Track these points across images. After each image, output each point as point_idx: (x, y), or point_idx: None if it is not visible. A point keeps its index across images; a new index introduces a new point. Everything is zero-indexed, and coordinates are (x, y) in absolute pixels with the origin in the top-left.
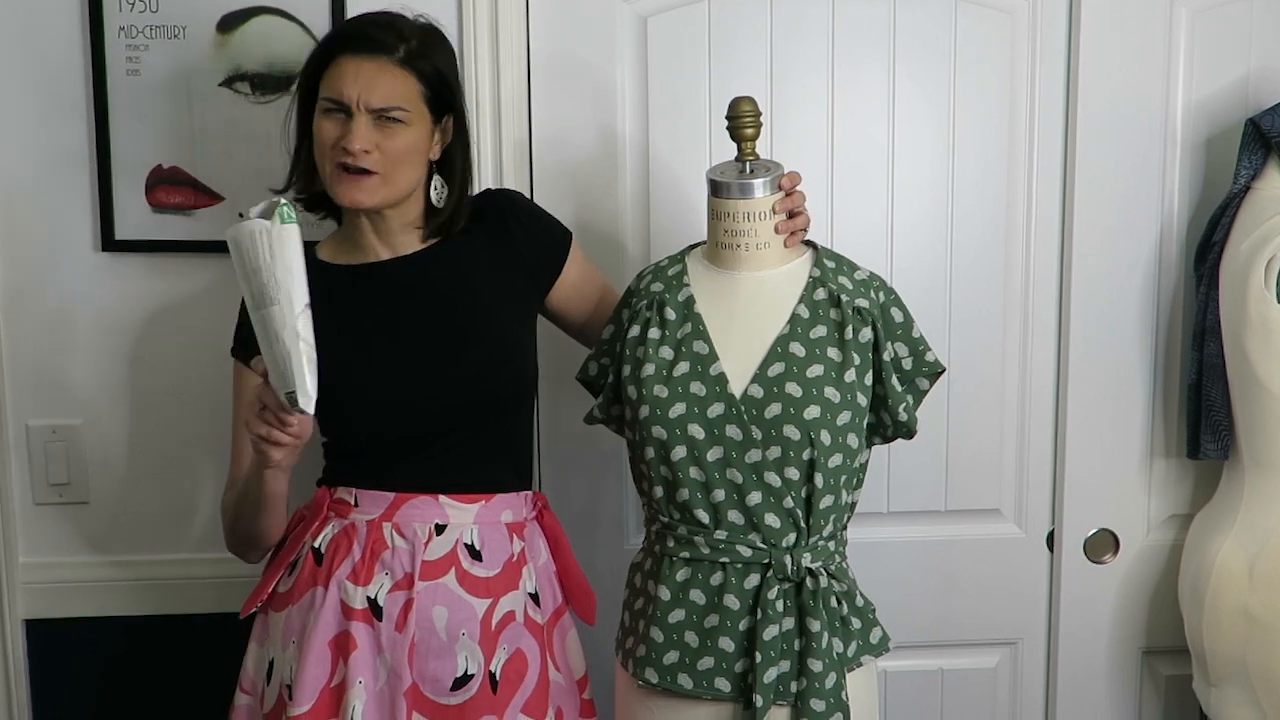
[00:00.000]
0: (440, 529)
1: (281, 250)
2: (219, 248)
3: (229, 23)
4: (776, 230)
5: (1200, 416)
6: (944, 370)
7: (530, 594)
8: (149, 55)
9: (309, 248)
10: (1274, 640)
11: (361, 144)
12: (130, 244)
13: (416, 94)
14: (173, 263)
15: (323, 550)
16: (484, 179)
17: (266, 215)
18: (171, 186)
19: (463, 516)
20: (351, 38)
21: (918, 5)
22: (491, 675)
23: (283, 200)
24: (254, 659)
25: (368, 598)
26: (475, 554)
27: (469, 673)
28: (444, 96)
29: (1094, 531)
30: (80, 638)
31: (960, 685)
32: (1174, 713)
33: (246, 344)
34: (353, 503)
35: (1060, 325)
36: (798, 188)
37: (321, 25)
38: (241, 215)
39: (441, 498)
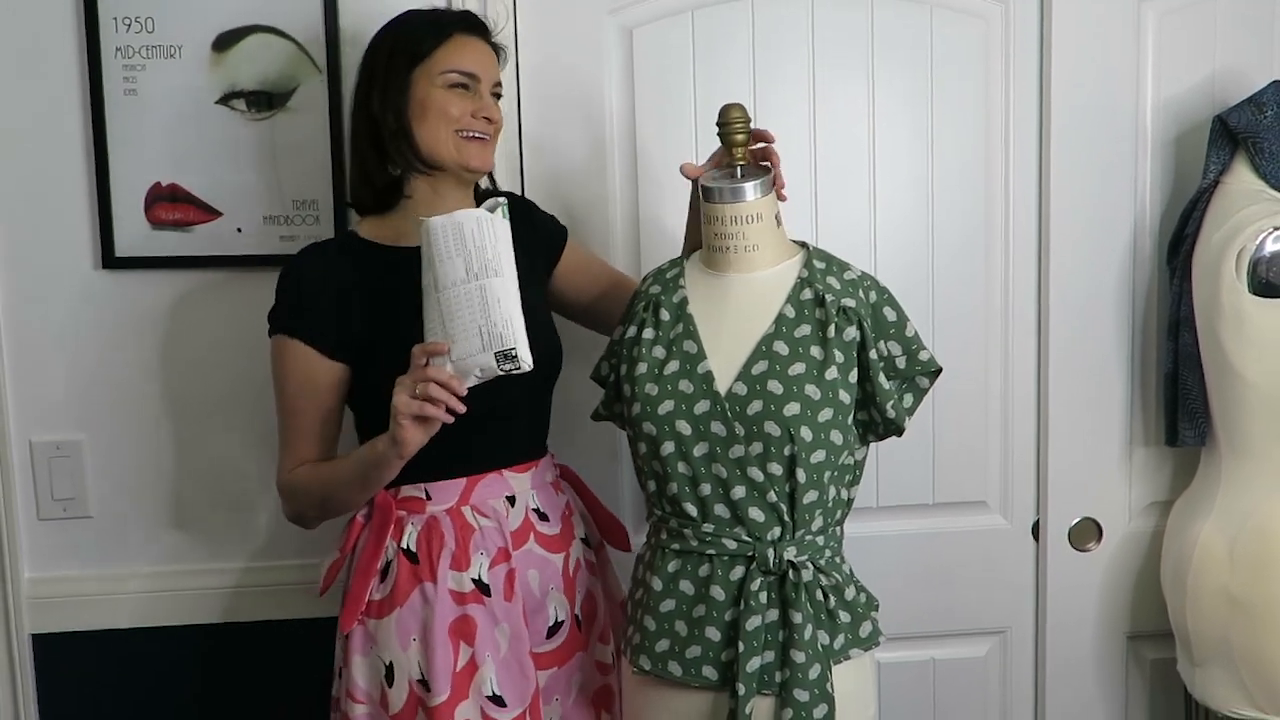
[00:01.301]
0: (511, 501)
1: (505, 234)
2: (218, 263)
3: (224, 41)
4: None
5: (1177, 405)
6: (940, 369)
7: (582, 539)
8: (145, 75)
9: (350, 234)
10: (1255, 620)
11: (497, 114)
12: (130, 260)
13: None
14: (172, 278)
15: (413, 549)
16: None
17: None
18: (170, 204)
19: (523, 485)
20: (462, 19)
21: (894, 12)
22: (576, 618)
23: (503, 200)
24: (362, 669)
25: (473, 580)
26: (543, 516)
27: (559, 620)
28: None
29: (1077, 520)
30: (87, 651)
31: (951, 674)
32: (1159, 695)
33: (308, 321)
34: (424, 497)
35: (1040, 320)
36: (779, 170)
37: (315, 42)
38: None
39: (505, 472)
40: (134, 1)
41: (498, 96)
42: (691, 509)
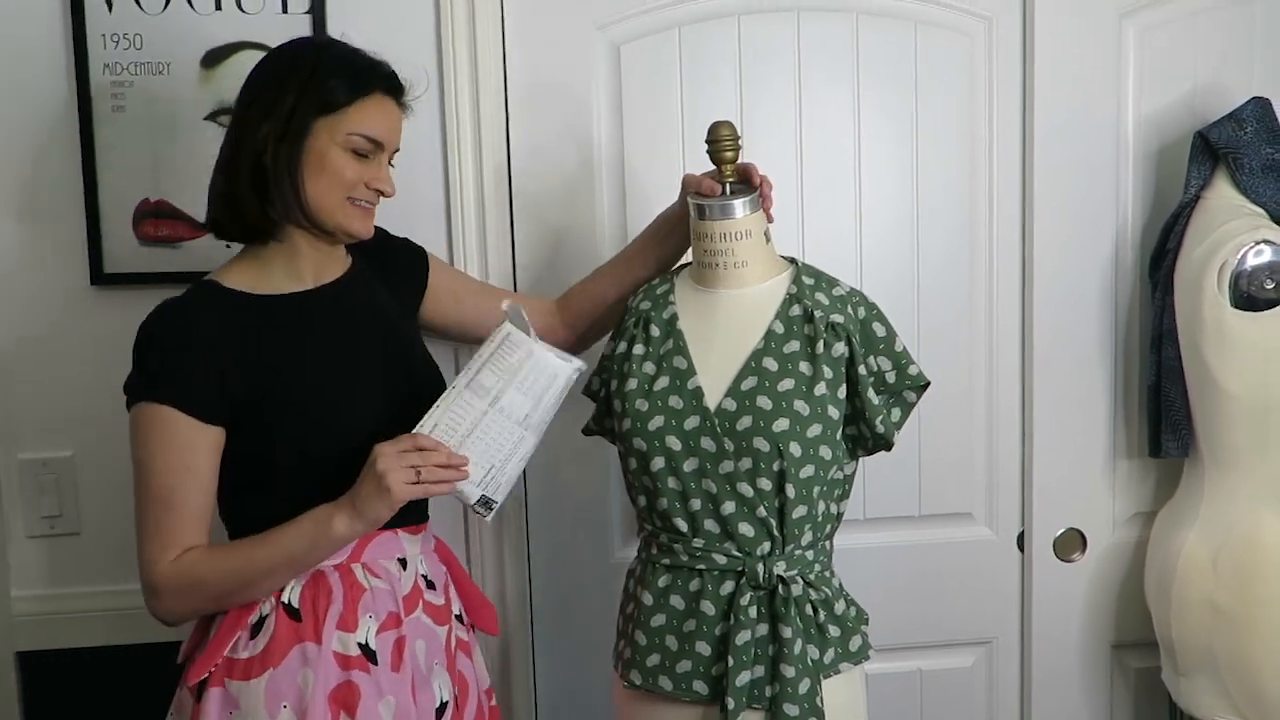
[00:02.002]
0: (403, 563)
1: (564, 392)
2: None
3: (213, 58)
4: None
5: (1160, 417)
6: (929, 384)
7: (457, 615)
8: (134, 91)
9: (209, 284)
10: (1239, 628)
11: (391, 188)
12: (119, 277)
13: None
14: (162, 295)
15: (295, 605)
16: (465, 201)
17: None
18: (159, 220)
19: (414, 548)
20: (387, 77)
21: (879, 28)
22: (458, 700)
23: (581, 365)
24: None
25: (359, 644)
26: (429, 584)
27: (444, 700)
28: None
29: (1062, 531)
30: (74, 669)
31: (938, 685)
32: (1144, 704)
33: (176, 383)
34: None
35: (1024, 333)
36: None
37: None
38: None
39: (400, 532)
40: (123, 19)
41: (391, 165)
42: (681, 524)
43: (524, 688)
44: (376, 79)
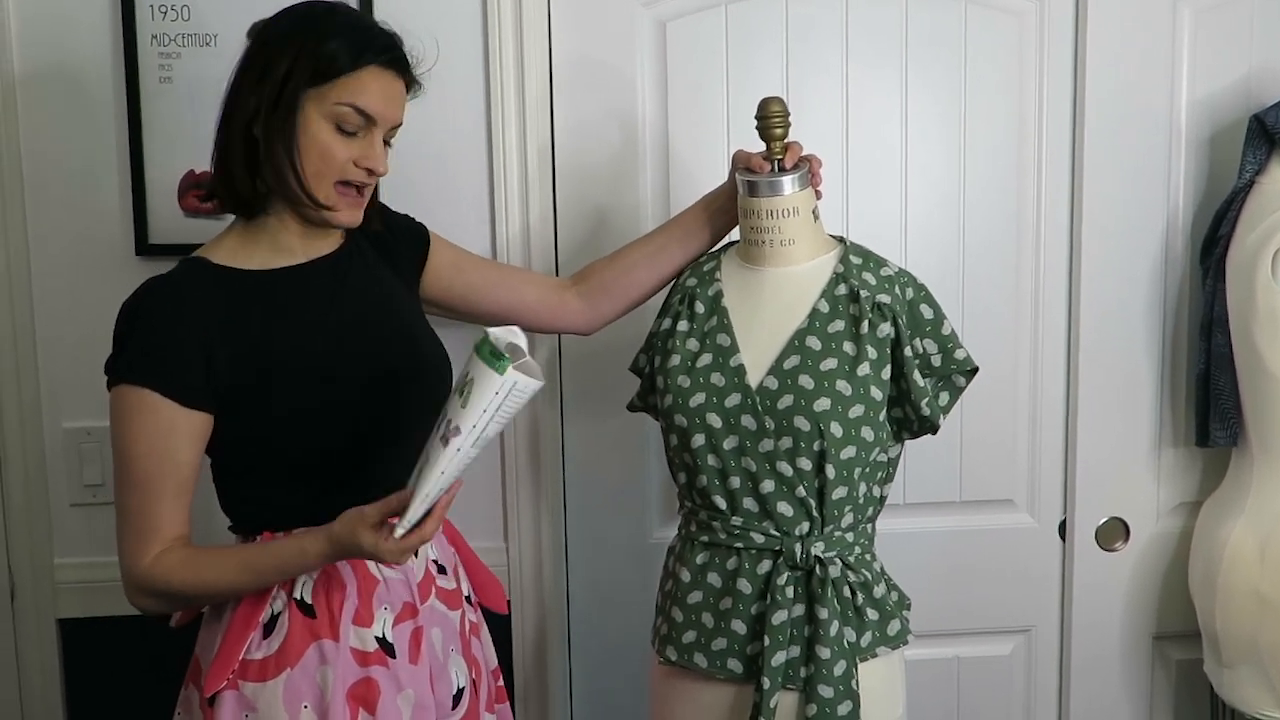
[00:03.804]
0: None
1: (513, 408)
2: None
3: None
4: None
5: (1209, 405)
6: (977, 368)
7: (466, 597)
8: (180, 63)
9: (198, 261)
10: None
11: (384, 167)
12: (163, 248)
13: None
14: None
15: (308, 600)
16: (509, 178)
17: (523, 368)
18: (203, 191)
19: None
20: (388, 49)
21: (929, 7)
22: (474, 683)
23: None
24: None
25: (376, 638)
26: (440, 569)
27: (461, 687)
28: None
29: (1105, 520)
30: (114, 637)
31: (976, 672)
32: (1185, 696)
33: (159, 365)
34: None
35: (1070, 318)
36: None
37: None
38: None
39: None
40: None
41: (392, 140)
42: (720, 502)
43: (559, 667)
44: (373, 50)
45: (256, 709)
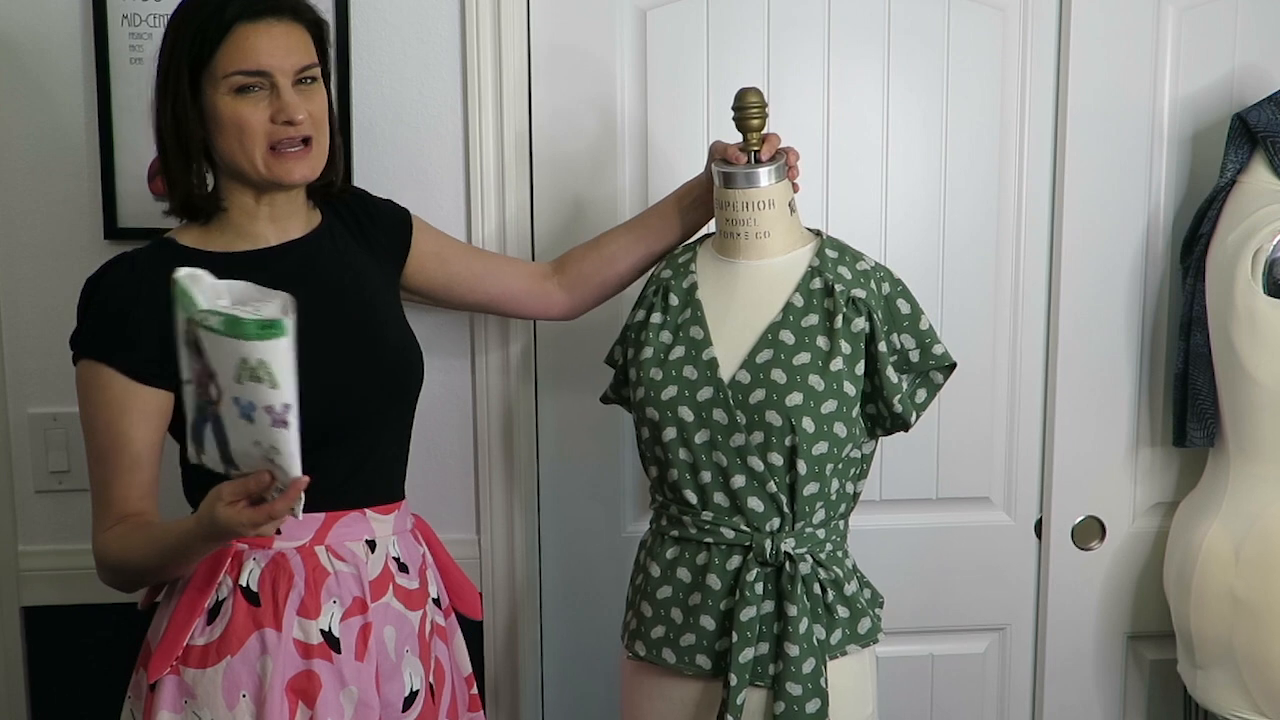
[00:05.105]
0: (371, 545)
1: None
2: None
3: None
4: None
5: (1187, 405)
6: (954, 364)
7: (434, 599)
8: (152, 44)
9: (165, 241)
10: (1260, 622)
11: (302, 112)
12: (133, 232)
13: (314, 49)
14: None
15: (254, 588)
16: (486, 166)
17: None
18: None
19: (384, 529)
20: (242, 4)
21: (911, 1)
22: (430, 687)
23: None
24: None
25: (321, 631)
26: (402, 567)
27: (414, 689)
28: (325, 50)
29: (1081, 519)
30: (79, 625)
31: (950, 670)
32: (1158, 696)
33: (120, 342)
34: (274, 530)
35: (1049, 316)
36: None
37: (324, 10)
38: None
39: (368, 512)
40: None
41: (312, 80)
42: (691, 496)
43: (531, 660)
44: (233, 7)
45: (195, 695)
